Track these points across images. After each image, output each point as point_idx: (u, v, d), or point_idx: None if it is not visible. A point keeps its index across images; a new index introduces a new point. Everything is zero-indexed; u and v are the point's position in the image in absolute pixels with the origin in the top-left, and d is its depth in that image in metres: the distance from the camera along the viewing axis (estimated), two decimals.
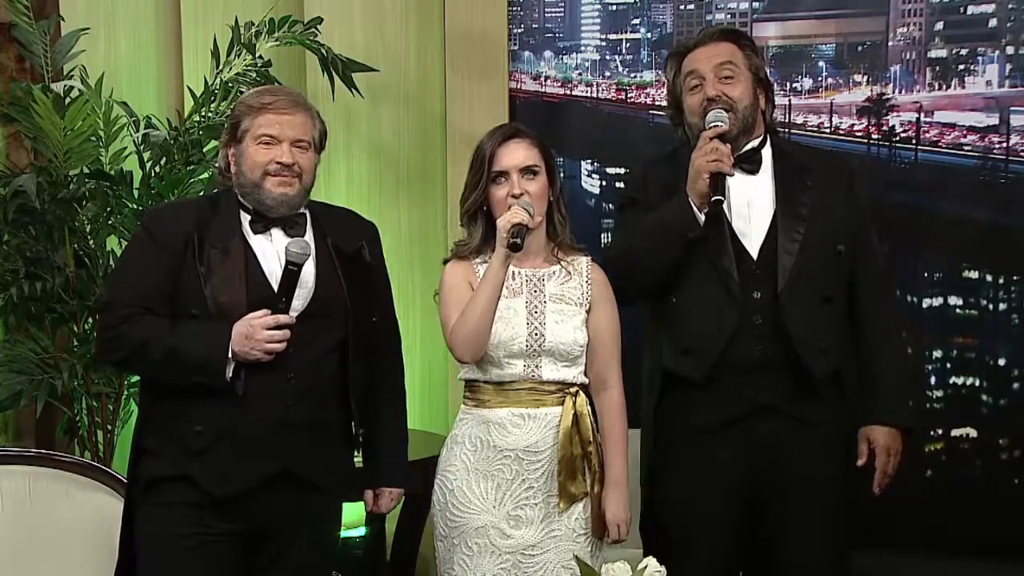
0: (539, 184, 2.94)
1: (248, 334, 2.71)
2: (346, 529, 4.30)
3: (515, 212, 2.86)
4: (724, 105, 2.97)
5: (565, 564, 2.91)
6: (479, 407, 2.96)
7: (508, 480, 2.93)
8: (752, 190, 3.02)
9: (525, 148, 2.95)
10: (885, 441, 3.03)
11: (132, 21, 4.54)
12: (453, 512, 2.94)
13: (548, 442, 2.92)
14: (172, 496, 2.78)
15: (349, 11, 4.48)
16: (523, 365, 2.93)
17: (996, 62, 4.05)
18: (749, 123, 3.02)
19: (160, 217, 2.91)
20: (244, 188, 2.84)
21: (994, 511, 4.01)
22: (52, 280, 3.98)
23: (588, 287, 2.99)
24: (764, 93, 3.07)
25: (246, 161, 2.81)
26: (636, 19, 4.45)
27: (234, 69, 4.08)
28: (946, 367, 4.12)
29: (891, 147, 4.14)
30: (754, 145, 3.05)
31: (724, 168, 2.90)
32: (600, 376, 2.99)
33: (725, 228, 2.98)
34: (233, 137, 2.84)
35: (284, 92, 2.92)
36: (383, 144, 4.54)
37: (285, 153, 2.80)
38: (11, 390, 3.92)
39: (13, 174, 4.03)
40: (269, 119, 2.81)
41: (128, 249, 2.97)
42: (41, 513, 3.22)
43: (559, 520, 2.93)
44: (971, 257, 4.08)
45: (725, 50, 3.03)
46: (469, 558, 2.92)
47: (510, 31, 4.48)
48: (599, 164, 4.52)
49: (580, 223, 4.44)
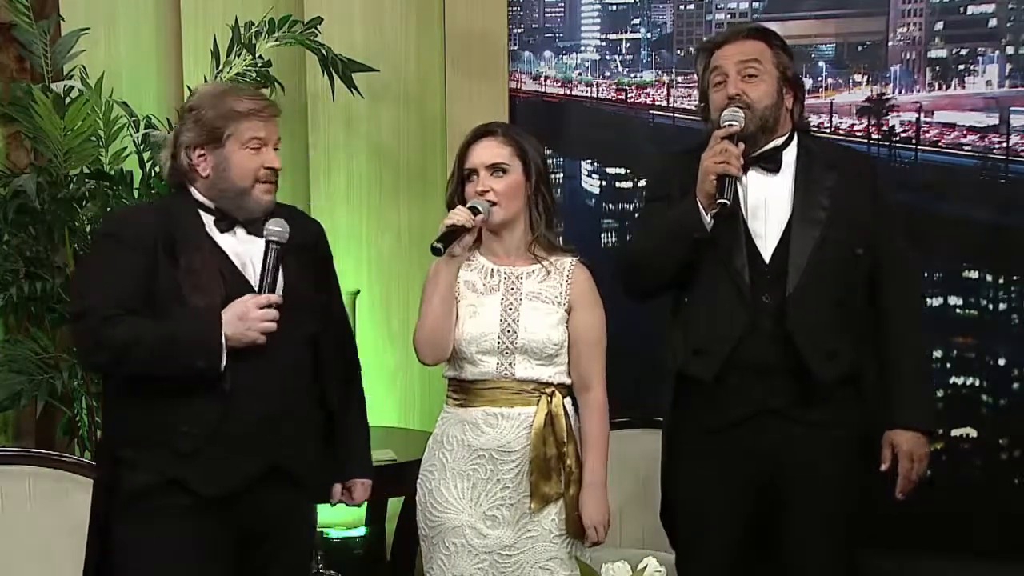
0: (506, 182, 2.93)
1: (242, 314, 2.70)
2: (346, 529, 4.31)
3: (453, 213, 2.87)
4: (742, 104, 2.94)
5: (542, 565, 2.91)
6: (458, 406, 2.97)
7: (483, 480, 2.92)
8: (770, 190, 2.99)
9: (496, 146, 2.94)
10: (909, 446, 3.00)
11: (132, 21, 4.54)
12: (432, 512, 2.95)
13: (522, 442, 2.91)
14: (160, 503, 2.74)
15: (349, 11, 4.48)
16: (496, 363, 2.92)
17: (996, 62, 4.04)
18: (769, 123, 2.98)
19: (124, 221, 2.85)
20: (225, 192, 2.79)
21: (994, 511, 4.01)
22: (52, 280, 3.98)
23: (568, 287, 2.97)
24: (792, 92, 3.03)
25: (233, 167, 2.77)
26: (636, 19, 4.44)
27: (234, 69, 4.08)
28: (946, 367, 4.12)
29: (891, 147, 4.14)
30: (777, 144, 3.01)
31: (730, 170, 2.87)
32: (582, 377, 2.98)
33: (740, 228, 2.95)
34: (211, 141, 2.78)
35: (261, 96, 2.89)
36: (383, 144, 4.54)
37: (275, 158, 2.80)
38: (11, 390, 3.92)
39: (13, 174, 4.04)
40: (256, 124, 2.78)
41: (94, 256, 2.88)
42: (41, 513, 3.22)
43: (534, 520, 2.92)
44: (971, 257, 4.08)
45: (752, 48, 3.00)
46: (447, 557, 2.91)
47: (510, 31, 4.48)
48: (599, 164, 4.52)
49: (580, 223, 4.47)
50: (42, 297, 3.98)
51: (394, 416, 4.43)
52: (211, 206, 2.80)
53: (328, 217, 4.46)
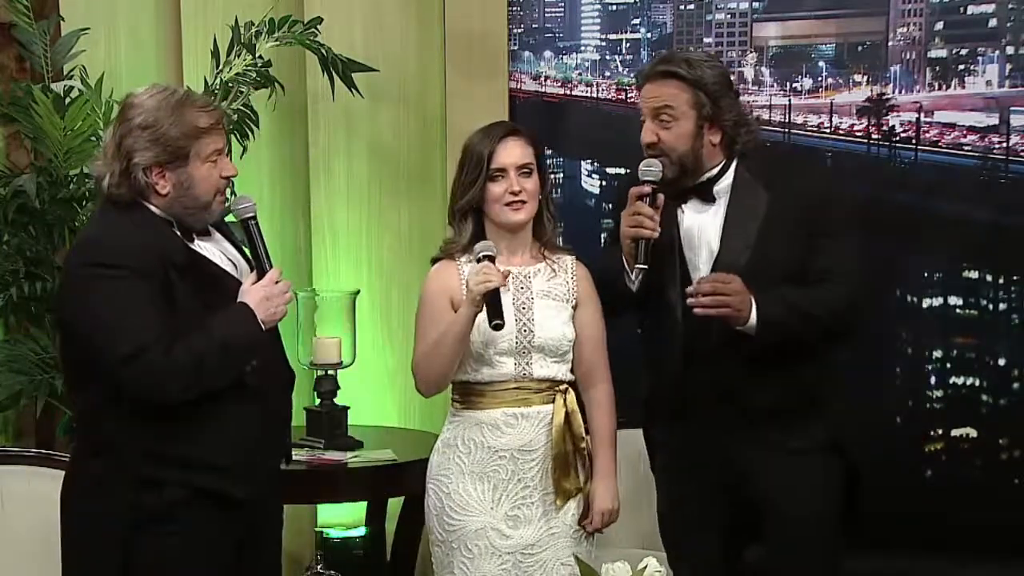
0: (534, 182, 2.97)
1: (266, 295, 2.69)
2: (346, 529, 4.31)
3: (483, 276, 2.83)
4: (658, 151, 2.90)
5: (564, 561, 2.94)
6: (470, 409, 2.97)
7: (504, 480, 2.94)
8: (703, 220, 2.96)
9: (522, 146, 2.97)
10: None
11: (132, 21, 4.53)
12: (451, 516, 2.95)
13: (541, 440, 2.94)
14: (187, 517, 2.68)
15: (349, 11, 4.48)
16: (514, 363, 2.94)
17: (996, 62, 4.04)
18: (689, 164, 2.92)
19: (122, 250, 2.65)
20: (187, 208, 2.71)
21: (994, 511, 4.01)
22: (52, 280, 3.97)
23: (574, 283, 3.02)
24: (716, 127, 2.92)
25: (197, 184, 2.69)
26: (636, 19, 4.44)
27: (234, 69, 4.08)
28: (946, 367, 4.12)
29: (891, 147, 4.14)
30: (712, 175, 2.95)
31: (643, 233, 2.84)
32: (588, 372, 3.01)
33: (676, 260, 2.95)
34: (173, 160, 2.66)
35: (212, 104, 2.82)
36: (383, 144, 4.53)
37: (231, 166, 2.77)
38: (11, 390, 3.92)
39: (13, 174, 4.03)
40: (216, 137, 2.72)
41: (108, 292, 2.63)
42: (41, 513, 3.21)
43: (557, 517, 2.96)
44: (971, 257, 4.08)
45: (664, 93, 2.90)
46: (470, 561, 2.92)
47: (510, 31, 4.48)
48: (599, 164, 4.52)
49: (580, 223, 4.48)
50: (42, 297, 3.98)
51: (394, 416, 4.43)
52: (170, 220, 2.72)
53: (328, 217, 4.47)
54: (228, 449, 2.69)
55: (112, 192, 2.70)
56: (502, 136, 2.97)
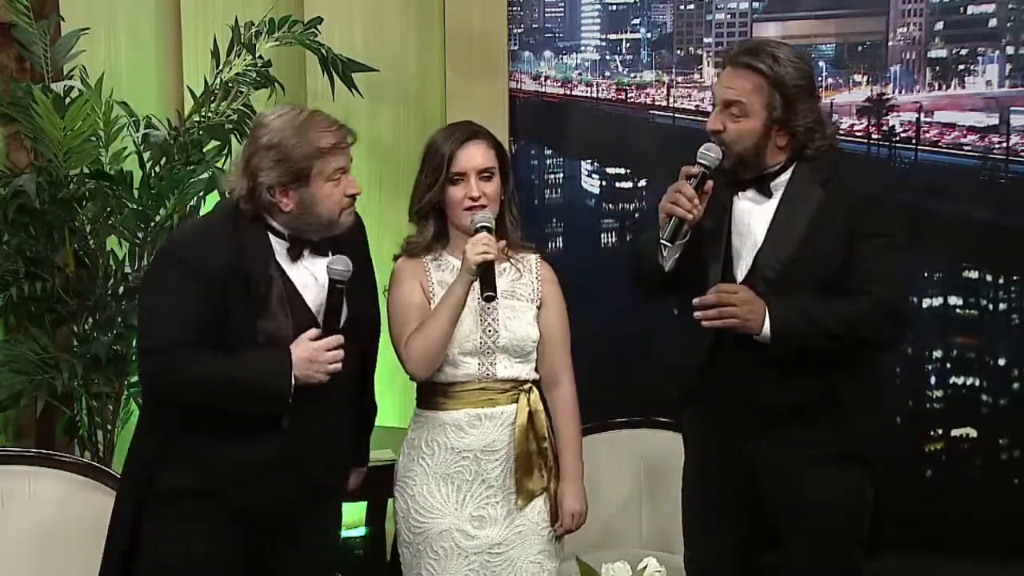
0: (494, 186, 2.95)
1: (312, 357, 2.70)
2: (346, 529, 4.31)
3: (480, 246, 2.83)
4: (720, 141, 2.86)
5: (532, 559, 2.94)
6: (433, 410, 2.97)
7: (468, 481, 2.94)
8: (756, 213, 2.91)
9: (483, 150, 2.96)
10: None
11: (132, 21, 4.53)
12: (416, 518, 2.95)
13: (504, 440, 2.93)
14: (190, 509, 2.75)
15: (349, 11, 4.48)
16: (477, 364, 2.93)
17: (996, 62, 4.05)
18: (753, 160, 2.87)
19: (196, 252, 2.73)
20: (310, 226, 2.76)
21: (994, 511, 4.01)
22: (52, 280, 3.97)
23: (539, 284, 3.01)
24: (784, 131, 2.85)
25: (323, 202, 2.74)
26: (636, 19, 4.45)
27: (234, 69, 4.08)
28: (946, 367, 4.13)
29: (891, 147, 4.14)
30: (774, 169, 2.89)
31: (678, 212, 2.81)
32: (551, 372, 3.01)
33: (722, 247, 2.91)
34: (296, 180, 2.71)
35: (336, 123, 2.81)
36: (383, 144, 4.54)
37: (355, 184, 2.80)
38: (11, 390, 3.91)
39: (13, 174, 4.03)
40: (339, 156, 2.76)
41: (160, 283, 2.76)
42: (41, 513, 3.22)
43: (521, 515, 2.95)
44: (971, 257, 4.08)
45: (741, 87, 2.84)
46: (436, 562, 2.92)
47: (510, 31, 4.48)
48: (599, 164, 4.52)
49: (580, 223, 4.48)
50: (42, 297, 3.98)
51: (394, 416, 4.42)
52: (285, 234, 2.77)
53: None
54: (233, 458, 2.73)
55: (236, 202, 2.77)
56: (463, 140, 2.96)
